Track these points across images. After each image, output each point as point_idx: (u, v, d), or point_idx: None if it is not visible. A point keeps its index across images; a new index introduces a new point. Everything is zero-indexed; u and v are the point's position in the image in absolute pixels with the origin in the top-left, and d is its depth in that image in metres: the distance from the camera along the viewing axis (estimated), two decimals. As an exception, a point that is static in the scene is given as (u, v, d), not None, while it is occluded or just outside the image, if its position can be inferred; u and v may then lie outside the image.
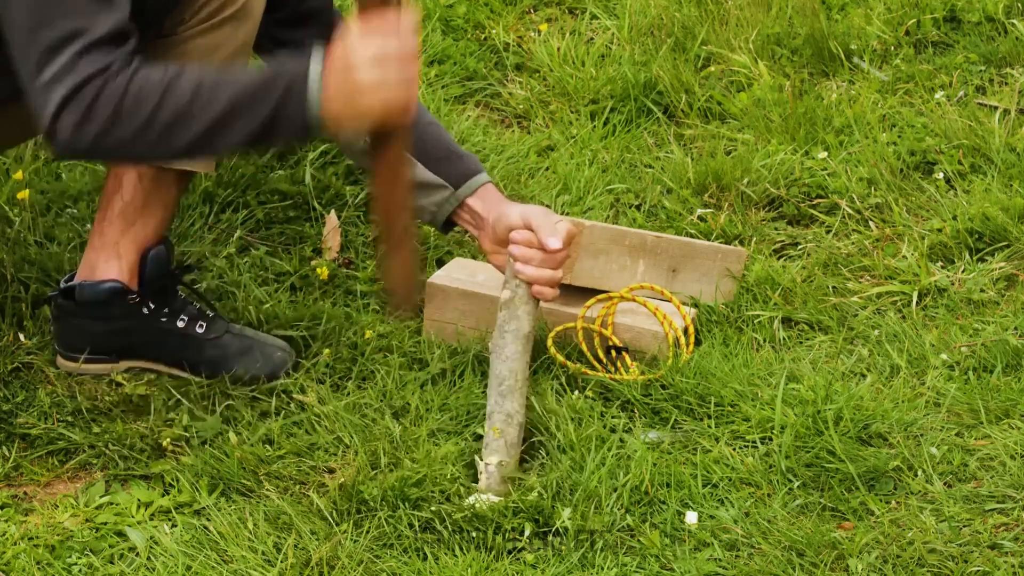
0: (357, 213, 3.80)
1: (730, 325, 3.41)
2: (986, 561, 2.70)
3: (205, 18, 3.11)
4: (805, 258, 3.65)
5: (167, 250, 3.26)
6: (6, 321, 3.39)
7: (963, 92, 4.18)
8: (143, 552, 2.81)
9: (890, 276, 3.55)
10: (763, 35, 4.43)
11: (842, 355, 3.32)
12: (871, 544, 2.75)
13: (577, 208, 3.85)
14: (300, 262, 3.62)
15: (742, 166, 3.89)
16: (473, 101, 4.41)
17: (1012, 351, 3.23)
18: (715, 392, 3.13)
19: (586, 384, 3.16)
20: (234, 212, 3.79)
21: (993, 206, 3.65)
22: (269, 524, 2.82)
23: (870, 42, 4.42)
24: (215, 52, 3.12)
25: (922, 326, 3.39)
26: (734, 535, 2.80)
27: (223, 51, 3.13)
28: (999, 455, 2.96)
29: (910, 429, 3.05)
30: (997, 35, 4.45)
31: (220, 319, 3.31)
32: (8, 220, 3.69)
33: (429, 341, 3.34)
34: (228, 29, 3.13)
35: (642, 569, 2.74)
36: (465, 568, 2.72)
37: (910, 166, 3.90)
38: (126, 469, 3.03)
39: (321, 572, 2.73)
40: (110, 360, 3.28)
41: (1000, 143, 3.89)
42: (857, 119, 4.06)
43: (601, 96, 4.30)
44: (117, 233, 3.23)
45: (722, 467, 2.96)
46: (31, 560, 2.78)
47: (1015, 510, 2.83)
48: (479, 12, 4.70)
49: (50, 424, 3.13)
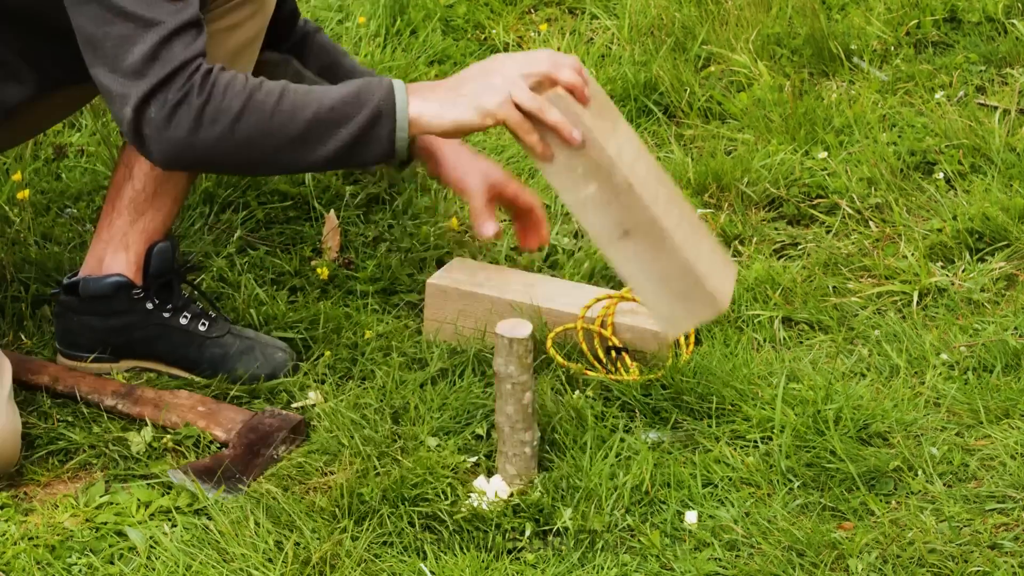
0: (357, 213, 3.80)
1: (730, 325, 3.41)
2: (986, 561, 2.70)
3: (223, 2, 3.13)
4: (805, 258, 3.65)
5: (172, 246, 3.26)
6: (6, 321, 3.39)
7: (963, 92, 4.18)
8: (143, 552, 2.81)
9: (890, 276, 3.55)
10: (763, 35, 4.43)
11: (842, 355, 3.32)
12: (871, 544, 2.75)
13: (577, 208, 3.85)
14: (300, 262, 3.62)
15: (742, 166, 3.89)
16: (473, 101, 4.40)
17: (1012, 351, 3.23)
18: (715, 392, 3.13)
19: (586, 384, 3.16)
20: (234, 212, 3.79)
21: (993, 206, 3.65)
22: (270, 523, 2.82)
23: (870, 42, 4.42)
24: (232, 35, 3.14)
25: (922, 326, 3.39)
26: (734, 535, 2.80)
27: (239, 35, 3.15)
28: (999, 455, 2.96)
29: (910, 429, 3.05)
30: (997, 35, 4.45)
31: (222, 319, 3.31)
32: (8, 220, 3.69)
33: (429, 341, 3.34)
34: (246, 11, 3.15)
35: (642, 569, 2.74)
36: (465, 568, 2.72)
37: (910, 166, 3.90)
38: (126, 469, 3.03)
39: (322, 571, 2.73)
40: (110, 359, 3.28)
41: (1000, 143, 3.89)
42: (857, 119, 4.06)
43: (601, 96, 4.30)
44: (126, 223, 3.23)
45: (722, 467, 2.96)
46: (31, 560, 2.79)
47: (1015, 510, 2.83)
48: (479, 12, 4.70)
49: (50, 424, 3.13)
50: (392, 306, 3.51)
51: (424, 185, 3.85)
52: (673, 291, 2.84)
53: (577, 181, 2.81)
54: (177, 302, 3.28)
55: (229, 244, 3.66)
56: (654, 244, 2.82)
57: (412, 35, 4.57)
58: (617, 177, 2.79)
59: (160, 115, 2.73)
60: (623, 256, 2.85)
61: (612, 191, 2.80)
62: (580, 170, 2.80)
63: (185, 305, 3.29)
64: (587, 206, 2.82)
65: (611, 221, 2.82)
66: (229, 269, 3.56)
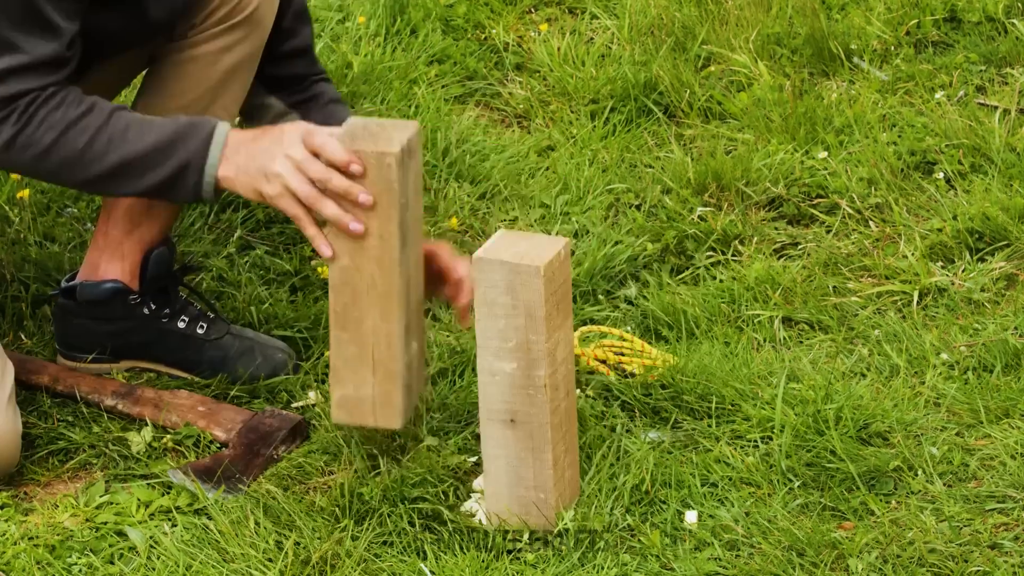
0: (357, 213, 3.80)
1: (730, 325, 3.41)
2: (986, 561, 2.69)
3: (216, 23, 3.13)
4: (805, 258, 3.65)
5: (169, 251, 3.26)
6: (6, 321, 3.39)
7: (963, 92, 4.17)
8: (143, 552, 2.81)
9: (890, 276, 3.55)
10: (763, 35, 4.43)
11: (842, 355, 3.32)
12: (871, 544, 2.75)
13: (577, 208, 3.85)
14: (300, 262, 3.62)
15: (742, 166, 3.89)
16: (473, 101, 4.41)
17: (1012, 351, 3.23)
18: (715, 392, 3.12)
19: (587, 384, 3.16)
20: (234, 212, 3.78)
21: (993, 206, 3.65)
22: (270, 523, 2.82)
23: (870, 42, 4.42)
24: (223, 57, 3.14)
25: (922, 326, 3.39)
26: (734, 535, 2.80)
27: (231, 57, 3.15)
28: (999, 455, 2.96)
29: (910, 429, 3.05)
30: (997, 35, 4.45)
31: (221, 320, 3.30)
32: (8, 220, 3.69)
33: (429, 341, 3.34)
34: (238, 34, 3.14)
35: (642, 569, 2.74)
36: (465, 568, 2.72)
37: (910, 166, 3.90)
38: (126, 469, 3.03)
39: (322, 571, 2.73)
40: (110, 359, 3.28)
41: (1000, 143, 3.88)
42: (857, 119, 4.06)
43: (601, 96, 4.30)
44: (121, 233, 3.23)
45: (722, 467, 2.96)
46: (31, 560, 2.78)
47: (1015, 510, 2.83)
48: (479, 12, 4.70)
49: (50, 424, 3.13)
50: (392, 306, 3.51)
51: (424, 185, 3.85)
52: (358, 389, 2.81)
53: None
54: (175, 306, 3.28)
55: (229, 244, 3.66)
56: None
57: (412, 35, 4.57)
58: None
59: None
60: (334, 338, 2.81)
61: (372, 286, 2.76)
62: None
63: (183, 308, 3.28)
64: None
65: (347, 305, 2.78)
66: (229, 269, 3.56)
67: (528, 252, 2.72)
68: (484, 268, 2.70)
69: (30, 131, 2.81)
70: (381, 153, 2.68)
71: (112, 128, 2.83)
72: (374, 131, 2.74)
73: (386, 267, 2.73)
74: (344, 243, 2.73)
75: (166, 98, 3.15)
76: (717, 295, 3.51)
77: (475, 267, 2.71)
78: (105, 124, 2.83)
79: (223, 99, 3.19)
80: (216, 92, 3.17)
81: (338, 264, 2.75)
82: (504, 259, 2.70)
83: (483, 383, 2.76)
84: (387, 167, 2.69)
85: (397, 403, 2.80)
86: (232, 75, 3.17)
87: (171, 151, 2.82)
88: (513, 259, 2.70)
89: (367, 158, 2.69)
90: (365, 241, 2.72)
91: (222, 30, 3.14)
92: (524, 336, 2.72)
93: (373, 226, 2.71)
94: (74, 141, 2.82)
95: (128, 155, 2.82)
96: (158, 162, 2.82)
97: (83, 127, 2.82)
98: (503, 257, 2.70)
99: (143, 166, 2.83)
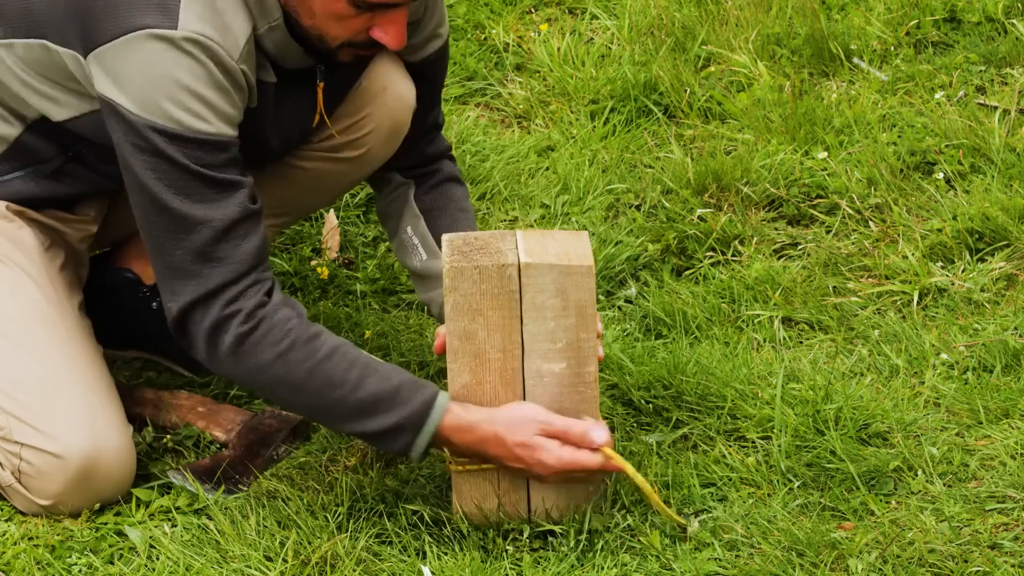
0: (356, 213, 3.80)
1: (730, 325, 3.41)
2: (986, 561, 2.70)
3: (326, 150, 3.15)
4: (805, 258, 3.65)
5: None
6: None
7: (963, 92, 4.17)
8: (143, 552, 2.81)
9: (890, 276, 3.55)
10: (763, 35, 4.43)
11: (842, 355, 3.32)
12: (871, 544, 2.75)
13: (577, 208, 3.85)
14: (300, 262, 3.62)
15: (742, 166, 3.89)
16: (473, 101, 4.41)
17: (1012, 351, 3.23)
18: (715, 392, 3.13)
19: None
20: (234, 212, 3.78)
21: (993, 206, 3.65)
22: (270, 523, 2.82)
23: (870, 42, 4.42)
24: (322, 179, 3.17)
25: (922, 326, 3.39)
26: (734, 535, 2.80)
27: (330, 181, 3.19)
28: (999, 455, 2.96)
29: (910, 429, 3.05)
30: (997, 35, 4.45)
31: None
32: (8, 220, 3.69)
33: (428, 341, 3.34)
34: (343, 167, 3.17)
35: (642, 569, 2.74)
36: (465, 568, 2.72)
37: (910, 166, 3.90)
38: (126, 469, 3.03)
39: (322, 571, 2.73)
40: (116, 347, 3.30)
41: (1000, 143, 3.88)
42: (857, 119, 4.06)
43: (601, 96, 4.31)
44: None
45: (722, 467, 2.96)
46: (31, 560, 2.79)
47: (1015, 510, 2.83)
48: (479, 12, 4.70)
49: (50, 424, 3.13)
50: (392, 306, 3.51)
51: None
52: None
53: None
54: None
55: (229, 244, 3.66)
56: None
57: (412, 35, 4.57)
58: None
59: (202, 327, 2.73)
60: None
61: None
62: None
63: None
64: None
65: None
66: (229, 269, 3.56)
67: (566, 252, 2.71)
68: (532, 273, 2.69)
69: (257, 337, 2.72)
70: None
71: (336, 358, 2.74)
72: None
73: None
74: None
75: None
76: (717, 295, 3.51)
77: (524, 273, 2.68)
78: (331, 351, 2.74)
79: (311, 201, 3.28)
80: (306, 197, 3.24)
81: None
82: (553, 262, 2.69)
83: (530, 386, 2.76)
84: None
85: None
86: (328, 191, 3.24)
87: (390, 405, 2.74)
88: (561, 261, 2.69)
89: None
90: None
91: (330, 158, 3.16)
92: (574, 335, 2.72)
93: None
94: (296, 365, 2.72)
95: (347, 399, 2.74)
96: (374, 412, 2.74)
97: (308, 351, 2.73)
98: (550, 260, 2.70)
99: (359, 412, 2.75)
